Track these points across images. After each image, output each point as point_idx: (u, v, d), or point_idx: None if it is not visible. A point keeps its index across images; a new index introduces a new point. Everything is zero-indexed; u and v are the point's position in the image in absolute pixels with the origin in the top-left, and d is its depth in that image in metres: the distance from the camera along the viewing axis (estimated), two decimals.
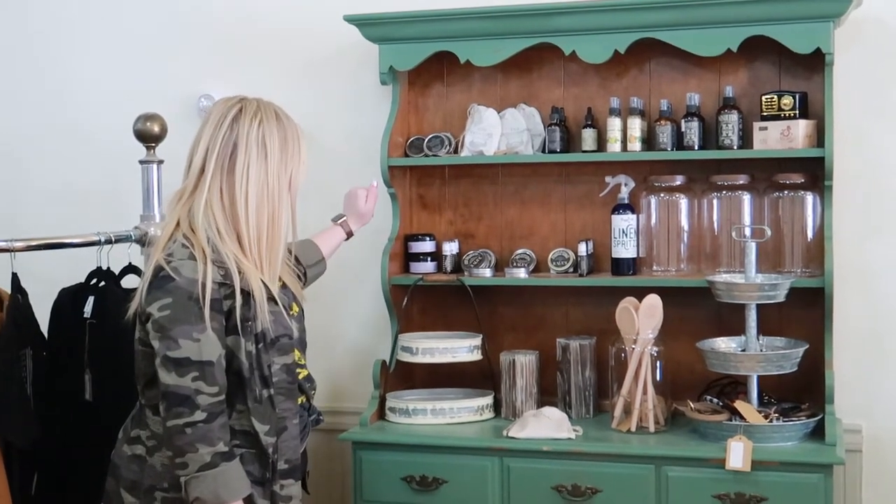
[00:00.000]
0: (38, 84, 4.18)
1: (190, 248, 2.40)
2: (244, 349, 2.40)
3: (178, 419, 2.32)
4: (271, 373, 2.44)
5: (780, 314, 3.38)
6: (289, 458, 2.49)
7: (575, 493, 3.17)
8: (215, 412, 2.34)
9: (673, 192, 3.47)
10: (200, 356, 2.34)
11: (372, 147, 3.66)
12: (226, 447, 2.35)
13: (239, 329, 2.40)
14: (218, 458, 2.33)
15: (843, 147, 3.33)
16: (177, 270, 2.37)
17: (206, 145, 2.45)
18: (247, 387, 2.41)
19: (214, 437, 2.33)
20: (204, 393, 2.33)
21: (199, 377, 2.33)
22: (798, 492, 3.01)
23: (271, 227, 2.47)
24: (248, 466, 2.42)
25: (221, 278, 2.39)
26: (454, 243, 3.65)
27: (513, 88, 3.66)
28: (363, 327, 3.83)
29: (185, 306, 2.35)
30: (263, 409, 2.42)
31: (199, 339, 2.34)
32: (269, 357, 2.44)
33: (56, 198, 4.15)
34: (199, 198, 2.44)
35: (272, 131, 2.47)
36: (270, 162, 2.46)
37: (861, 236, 3.42)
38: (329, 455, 3.84)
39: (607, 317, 3.39)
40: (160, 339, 2.35)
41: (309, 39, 3.87)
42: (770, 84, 3.42)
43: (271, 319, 2.44)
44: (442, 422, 3.43)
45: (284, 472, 2.48)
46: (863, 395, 3.43)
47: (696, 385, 3.43)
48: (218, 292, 2.38)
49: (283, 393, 2.48)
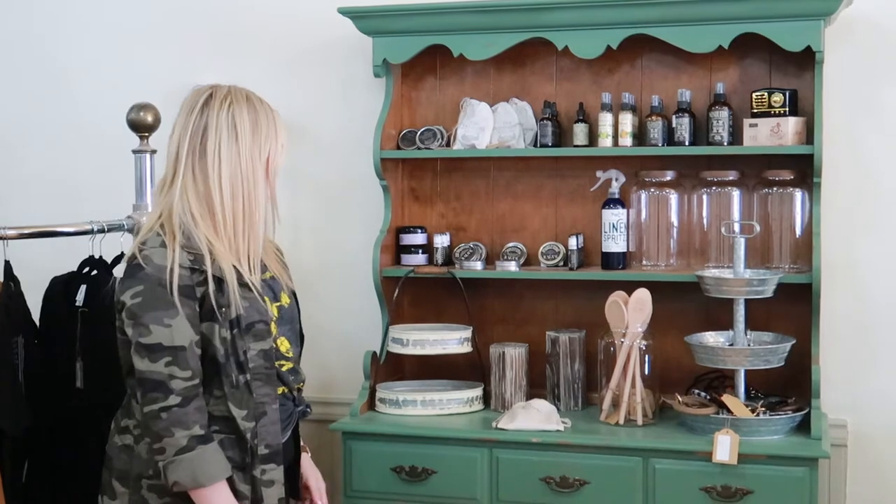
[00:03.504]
0: (31, 73, 4.18)
1: (162, 236, 2.41)
2: (219, 335, 2.40)
3: (154, 404, 2.34)
4: (247, 358, 2.43)
5: (767, 309, 3.40)
6: (269, 443, 2.47)
7: (563, 485, 3.19)
8: (190, 396, 2.35)
9: (663, 188, 3.49)
10: (172, 341, 2.35)
11: (364, 139, 3.68)
12: (202, 430, 2.36)
13: (213, 315, 2.40)
14: (194, 441, 2.34)
15: (831, 144, 3.36)
16: (148, 258, 2.38)
17: (179, 133, 2.47)
18: (222, 373, 2.41)
19: (190, 421, 2.34)
20: (177, 377, 2.34)
21: (171, 362, 2.34)
22: (784, 485, 3.04)
23: (248, 208, 2.47)
24: (228, 451, 2.42)
25: (190, 263, 2.39)
26: (445, 236, 3.67)
27: (505, 83, 3.68)
28: (354, 318, 3.85)
29: (156, 293, 2.36)
30: (240, 394, 2.42)
31: (171, 325, 2.35)
32: (244, 343, 2.43)
33: (49, 187, 4.15)
34: (176, 184, 2.45)
35: (242, 113, 2.47)
36: (242, 143, 2.46)
37: (849, 233, 3.45)
38: (319, 445, 3.84)
39: (597, 310, 3.42)
40: (133, 326, 2.37)
41: (302, 31, 3.87)
42: (760, 81, 3.45)
43: (245, 305, 2.44)
44: (432, 413, 3.45)
45: (265, 456, 2.46)
46: (848, 390, 3.46)
47: (684, 379, 3.45)
48: (190, 278, 2.39)
49: (260, 378, 2.46)
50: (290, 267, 3.92)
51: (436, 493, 3.30)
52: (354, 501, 3.38)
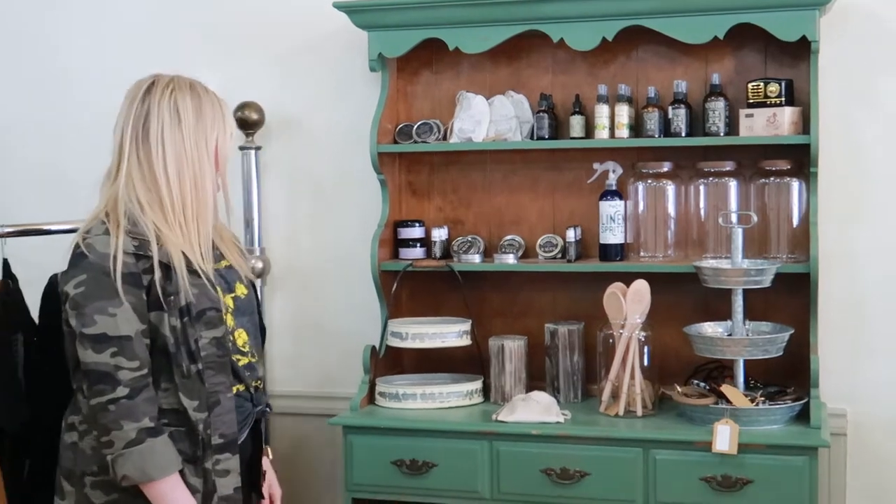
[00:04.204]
0: (27, 70, 4.17)
1: (107, 224, 2.38)
2: (168, 324, 2.35)
3: (101, 397, 2.30)
4: (199, 347, 2.38)
5: (765, 299, 3.41)
6: (224, 433, 2.42)
7: (563, 477, 3.20)
8: (138, 387, 2.31)
9: (660, 179, 3.49)
10: (117, 331, 2.31)
11: (360, 134, 3.68)
12: (152, 423, 2.31)
13: (161, 303, 2.35)
14: (144, 433, 2.30)
15: (828, 134, 3.36)
16: (90, 247, 2.35)
17: (122, 122, 2.46)
18: (173, 362, 2.36)
19: (139, 413, 2.30)
20: (124, 368, 2.30)
21: (117, 352, 2.30)
22: (783, 474, 3.05)
23: (195, 193, 2.43)
24: (179, 445, 2.37)
25: (135, 249, 2.35)
26: (443, 229, 3.67)
27: (501, 76, 3.68)
28: (353, 313, 3.85)
29: (99, 282, 2.32)
30: (191, 384, 2.37)
31: (115, 314, 2.31)
32: (195, 331, 2.38)
33: (45, 184, 4.15)
34: (121, 173, 2.44)
35: (185, 100, 2.45)
36: (185, 128, 2.43)
37: (846, 222, 3.46)
38: (319, 440, 3.86)
39: (595, 302, 3.42)
40: (76, 316, 2.33)
41: (297, 26, 3.87)
42: (756, 71, 3.45)
43: (195, 292, 2.39)
44: (431, 406, 3.45)
45: (219, 446, 2.42)
46: (847, 379, 3.47)
47: (683, 369, 3.46)
48: (136, 266, 2.35)
49: (212, 367, 2.41)
50: (286, 261, 3.95)
51: (436, 486, 3.31)
52: (355, 495, 3.38)
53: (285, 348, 3.98)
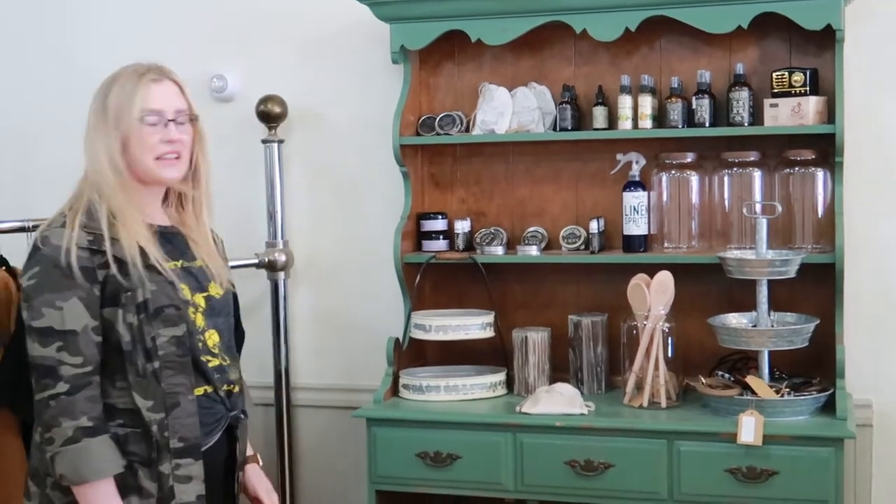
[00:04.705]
0: (49, 64, 4.19)
1: (65, 217, 2.36)
2: (124, 321, 2.31)
3: (44, 392, 2.26)
4: (156, 345, 2.32)
5: (790, 290, 3.39)
6: (184, 436, 2.34)
7: (588, 468, 3.19)
8: (79, 384, 2.26)
9: (684, 170, 3.48)
10: (63, 325, 2.27)
11: (383, 126, 3.67)
12: (90, 422, 2.26)
13: (117, 299, 2.31)
14: (80, 433, 2.25)
15: (853, 123, 3.34)
16: (46, 239, 2.33)
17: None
18: (128, 360, 2.31)
19: (77, 411, 2.25)
20: (67, 364, 2.26)
21: (62, 347, 2.26)
22: (809, 465, 3.04)
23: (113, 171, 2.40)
24: (133, 446, 2.32)
25: (88, 244, 2.31)
26: (466, 221, 3.67)
27: (524, 67, 3.67)
28: (376, 305, 3.86)
29: (50, 274, 2.29)
30: (147, 383, 2.31)
31: (62, 308, 2.27)
32: (152, 328, 2.32)
33: (68, 179, 4.15)
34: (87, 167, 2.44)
35: (101, 87, 2.49)
36: (100, 112, 2.46)
37: (872, 212, 3.44)
38: (343, 432, 3.87)
39: (619, 293, 3.41)
40: (27, 308, 2.30)
41: (319, 19, 3.88)
42: (781, 61, 3.43)
43: (153, 288, 2.33)
44: (455, 398, 3.45)
45: (179, 450, 2.34)
46: (873, 370, 3.45)
47: (708, 361, 3.45)
48: (90, 260, 2.31)
49: (171, 367, 2.34)
50: (309, 254, 3.95)
51: (460, 479, 3.31)
52: (379, 487, 3.39)
53: (308, 341, 3.99)
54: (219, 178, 3.93)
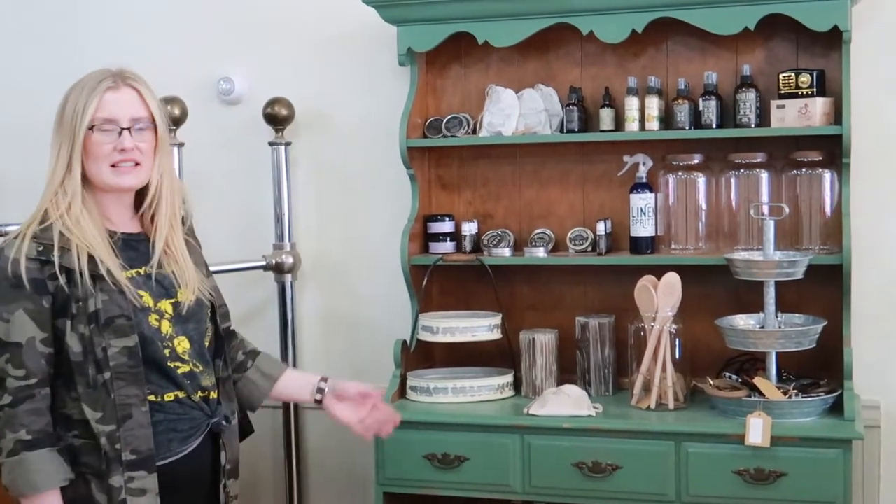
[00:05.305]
0: (55, 66, 4.19)
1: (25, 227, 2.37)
2: (74, 331, 2.31)
3: None
4: (107, 356, 2.31)
5: (798, 291, 3.39)
6: (137, 448, 2.32)
7: (595, 470, 3.20)
8: (21, 397, 2.28)
9: (691, 171, 3.48)
10: (9, 337, 2.29)
11: (390, 128, 3.67)
12: (29, 436, 2.27)
13: (67, 310, 2.32)
14: (19, 446, 2.27)
15: (860, 124, 3.33)
16: (0, 252, 2.34)
17: None
18: (78, 371, 2.31)
19: (17, 424, 2.27)
20: (11, 376, 2.27)
21: (8, 360, 2.28)
22: (817, 467, 3.03)
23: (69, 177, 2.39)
24: (86, 458, 2.33)
25: (37, 255, 2.32)
26: (473, 223, 3.67)
27: (530, 69, 3.67)
28: (383, 307, 3.86)
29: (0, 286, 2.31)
30: (96, 394, 2.31)
31: (9, 320, 2.29)
32: (103, 339, 2.31)
33: None
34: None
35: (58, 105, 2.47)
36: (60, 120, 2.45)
37: (879, 213, 3.43)
38: (351, 434, 3.86)
39: (626, 295, 3.41)
40: None
41: (326, 21, 3.88)
42: (787, 62, 3.43)
43: (104, 298, 2.33)
44: (463, 400, 3.45)
45: (132, 463, 2.32)
46: (881, 371, 3.44)
47: (715, 362, 3.45)
48: (40, 271, 2.31)
49: (123, 378, 2.32)
50: (316, 256, 3.95)
51: (468, 480, 3.31)
52: (387, 489, 3.39)
53: (316, 343, 3.99)
54: (226, 180, 4.01)
